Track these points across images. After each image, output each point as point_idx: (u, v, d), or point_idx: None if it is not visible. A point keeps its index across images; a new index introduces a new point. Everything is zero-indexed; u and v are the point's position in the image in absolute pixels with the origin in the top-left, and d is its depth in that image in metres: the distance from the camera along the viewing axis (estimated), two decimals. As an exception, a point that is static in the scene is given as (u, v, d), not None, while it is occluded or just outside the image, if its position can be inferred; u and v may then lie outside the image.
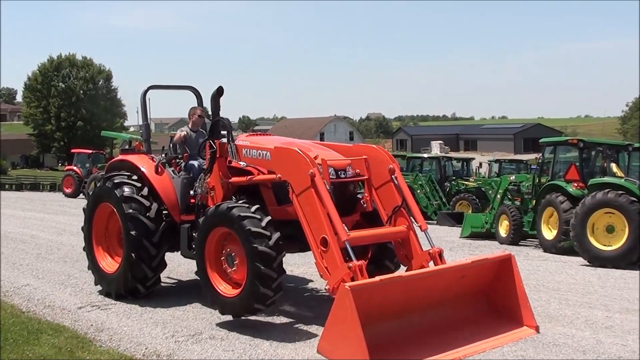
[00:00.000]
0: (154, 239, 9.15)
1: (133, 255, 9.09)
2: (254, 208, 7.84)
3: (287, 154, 7.99)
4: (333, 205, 7.46)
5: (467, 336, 7.26)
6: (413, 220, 8.29)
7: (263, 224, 7.66)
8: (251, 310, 7.78)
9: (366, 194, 8.46)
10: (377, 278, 6.71)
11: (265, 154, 8.35)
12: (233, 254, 7.94)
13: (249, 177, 8.63)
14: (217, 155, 8.83)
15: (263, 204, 8.54)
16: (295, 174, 7.75)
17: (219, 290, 8.07)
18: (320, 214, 7.40)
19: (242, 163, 8.62)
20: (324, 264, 7.27)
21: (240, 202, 8.23)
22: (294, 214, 8.05)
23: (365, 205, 8.47)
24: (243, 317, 8.09)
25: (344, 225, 7.44)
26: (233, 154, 8.68)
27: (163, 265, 9.52)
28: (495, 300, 7.93)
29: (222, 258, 8.12)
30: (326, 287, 7.19)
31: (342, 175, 8.19)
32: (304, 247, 8.62)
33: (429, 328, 7.25)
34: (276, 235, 7.65)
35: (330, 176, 7.96)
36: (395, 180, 8.35)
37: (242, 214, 7.71)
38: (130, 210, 9.19)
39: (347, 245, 7.22)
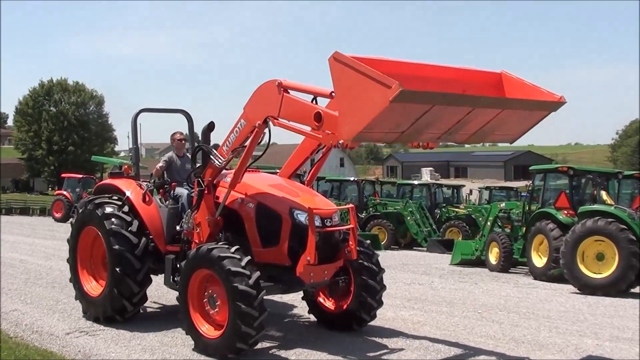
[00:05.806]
0: (137, 252, 9.17)
1: (118, 269, 9.08)
2: (233, 249, 7.88)
3: (253, 96, 8.00)
4: (309, 85, 7.53)
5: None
6: None
7: (243, 263, 7.69)
8: (234, 350, 7.72)
9: (351, 243, 8.48)
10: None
11: (242, 124, 8.24)
12: (215, 295, 7.95)
13: (237, 166, 8.47)
14: (206, 193, 8.77)
15: (248, 243, 8.59)
16: (267, 101, 7.74)
17: (201, 332, 8.06)
18: (302, 101, 7.46)
19: (223, 158, 8.50)
20: (326, 132, 7.04)
21: (221, 242, 8.25)
22: (278, 258, 8.27)
23: (349, 253, 8.48)
24: None
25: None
26: (218, 160, 8.59)
27: (148, 280, 9.52)
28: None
29: (205, 300, 8.12)
30: (340, 143, 6.82)
31: (328, 224, 8.26)
32: (286, 289, 8.63)
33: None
34: (256, 275, 7.67)
35: (316, 224, 8.02)
36: None
37: (221, 255, 7.76)
38: (113, 226, 9.24)
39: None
